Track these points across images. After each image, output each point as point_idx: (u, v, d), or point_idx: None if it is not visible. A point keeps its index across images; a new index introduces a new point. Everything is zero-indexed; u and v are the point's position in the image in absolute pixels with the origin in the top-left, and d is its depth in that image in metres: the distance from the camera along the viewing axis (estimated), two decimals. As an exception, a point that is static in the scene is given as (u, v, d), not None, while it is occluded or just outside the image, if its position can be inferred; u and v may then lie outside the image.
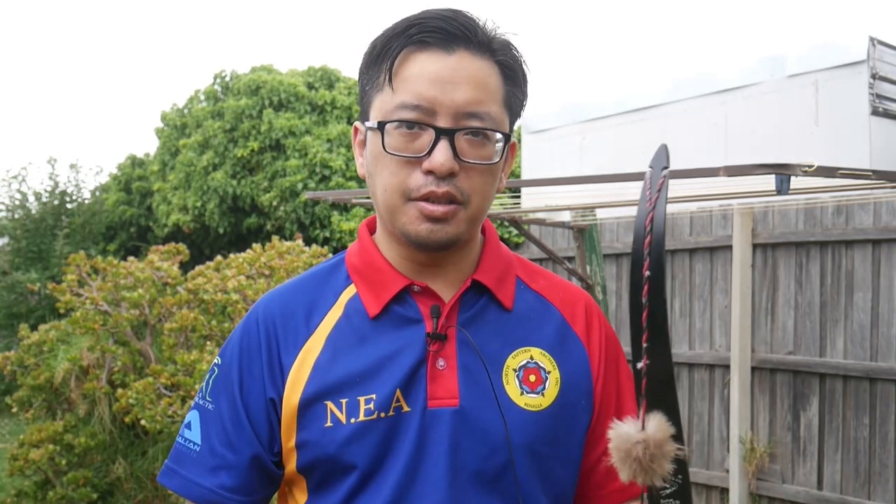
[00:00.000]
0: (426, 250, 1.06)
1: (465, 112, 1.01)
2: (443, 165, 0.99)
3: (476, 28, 1.03)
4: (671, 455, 0.85)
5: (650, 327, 0.86)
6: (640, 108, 6.03)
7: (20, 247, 9.42)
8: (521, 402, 1.07)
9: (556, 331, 1.13)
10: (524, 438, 1.05)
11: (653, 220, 0.85)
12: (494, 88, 1.04)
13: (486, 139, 1.03)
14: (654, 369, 0.86)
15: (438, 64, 1.01)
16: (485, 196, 1.06)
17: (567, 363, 1.11)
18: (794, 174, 2.45)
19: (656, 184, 0.87)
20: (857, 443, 4.34)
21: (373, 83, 1.05)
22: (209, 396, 1.12)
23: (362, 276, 1.11)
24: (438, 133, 1.00)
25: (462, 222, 1.04)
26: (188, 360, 4.34)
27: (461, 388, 1.05)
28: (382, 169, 1.04)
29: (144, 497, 5.05)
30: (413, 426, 1.03)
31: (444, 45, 1.01)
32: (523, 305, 1.14)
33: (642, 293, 0.85)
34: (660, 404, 0.86)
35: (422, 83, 1.00)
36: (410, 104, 1.00)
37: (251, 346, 1.10)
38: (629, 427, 0.86)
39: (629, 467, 0.85)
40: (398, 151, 1.01)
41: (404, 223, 1.04)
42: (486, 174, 1.04)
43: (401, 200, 1.03)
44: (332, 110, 8.47)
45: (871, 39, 4.66)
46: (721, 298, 4.98)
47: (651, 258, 0.85)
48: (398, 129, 1.01)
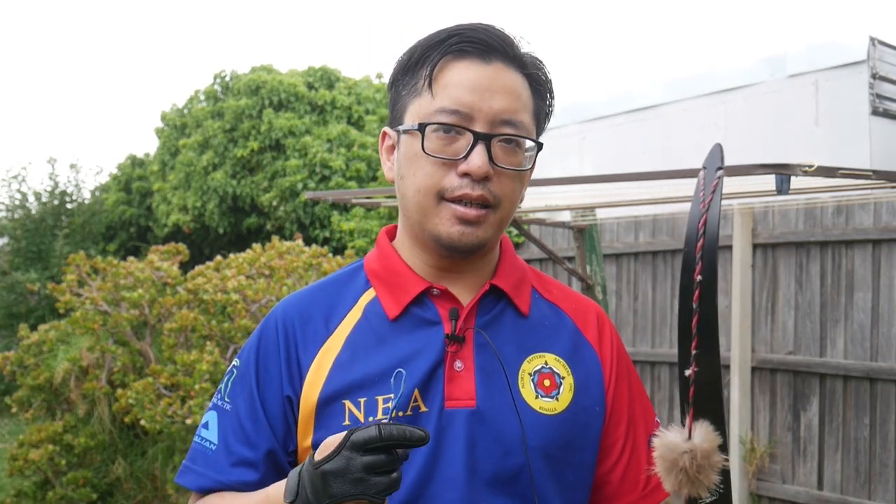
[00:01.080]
0: (455, 253, 1.09)
1: (500, 119, 1.05)
2: (480, 168, 1.03)
3: (512, 42, 1.08)
4: (718, 466, 0.82)
5: (700, 334, 0.83)
6: (640, 108, 6.03)
7: (20, 247, 9.42)
8: (536, 405, 1.09)
9: (569, 338, 1.16)
10: (539, 441, 1.07)
11: (706, 222, 0.82)
12: (526, 99, 1.09)
13: (518, 147, 1.07)
14: (702, 377, 0.84)
15: (477, 72, 1.05)
16: (513, 201, 1.10)
17: (580, 370, 1.14)
18: (794, 174, 2.45)
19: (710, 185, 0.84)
20: (858, 443, 4.34)
21: (409, 89, 1.09)
22: (227, 397, 1.14)
23: (382, 280, 1.14)
24: (476, 137, 1.04)
25: (491, 226, 1.08)
26: (188, 360, 4.34)
27: (478, 390, 1.07)
28: (417, 170, 1.07)
29: (144, 497, 5.05)
30: (430, 426, 1.05)
31: (482, 56, 1.06)
32: (538, 313, 1.16)
33: (693, 298, 0.82)
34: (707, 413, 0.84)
35: (461, 89, 1.04)
36: (450, 109, 1.04)
37: (269, 346, 1.12)
38: (675, 436, 0.83)
39: (675, 477, 0.83)
40: (436, 153, 1.04)
41: (436, 224, 1.07)
42: (515, 180, 1.09)
43: (434, 201, 1.06)
44: (332, 110, 8.47)
45: (872, 39, 4.66)
46: (721, 298, 4.98)
47: (704, 262, 0.82)
48: (436, 133, 1.05)
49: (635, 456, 1.15)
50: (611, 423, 1.15)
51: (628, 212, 5.07)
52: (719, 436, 0.83)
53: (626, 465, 1.15)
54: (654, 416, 1.22)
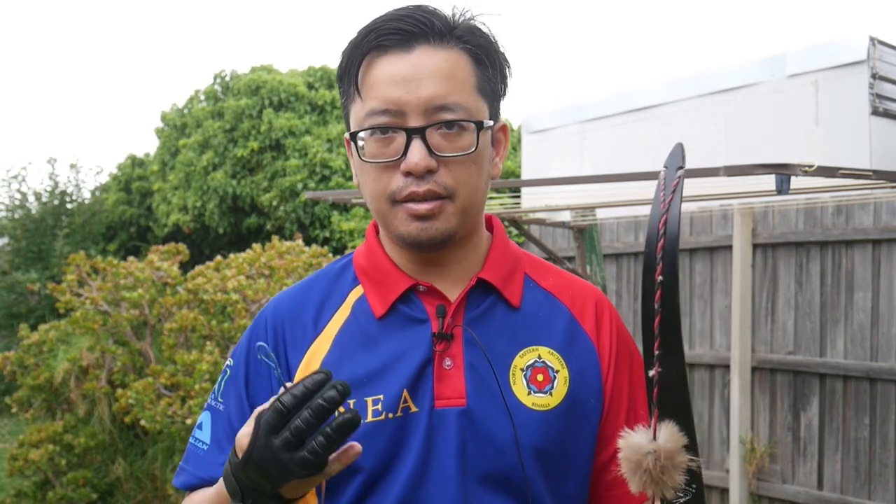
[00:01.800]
0: (422, 249, 1.06)
1: (433, 107, 1.00)
2: (417, 165, 0.99)
3: (433, 20, 1.02)
4: (683, 466, 0.82)
5: (662, 334, 0.83)
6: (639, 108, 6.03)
7: (20, 247, 9.42)
8: (528, 401, 1.06)
9: (564, 329, 1.12)
10: (532, 439, 1.05)
11: (666, 222, 0.82)
12: (463, 77, 1.03)
13: (462, 129, 1.02)
14: (666, 377, 0.84)
15: (399, 64, 1.01)
16: (472, 187, 1.05)
17: (576, 362, 1.10)
18: (794, 174, 2.45)
19: (671, 184, 0.84)
20: (858, 443, 4.34)
21: (347, 95, 1.07)
22: (220, 397, 1.13)
23: (369, 276, 1.12)
24: (409, 133, 1.00)
25: (452, 216, 1.04)
26: (188, 360, 4.34)
27: (468, 388, 1.05)
28: (365, 177, 1.05)
29: (144, 497, 5.05)
30: (421, 426, 1.03)
31: (402, 45, 1.01)
32: (531, 303, 1.13)
33: (654, 299, 0.82)
34: (672, 413, 0.83)
35: (385, 86, 1.01)
36: (378, 109, 1.01)
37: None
38: (640, 437, 0.83)
39: (639, 478, 0.83)
40: (375, 158, 1.02)
41: (396, 226, 1.04)
42: (467, 165, 1.03)
43: (388, 205, 1.04)
44: (332, 110, 8.47)
45: (872, 39, 4.66)
46: (721, 298, 4.98)
47: (664, 262, 0.81)
48: (373, 136, 1.02)
49: None
50: (610, 412, 1.12)
51: (628, 212, 5.07)
52: (684, 436, 0.82)
53: (615, 471, 1.13)
54: None
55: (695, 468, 0.84)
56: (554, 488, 1.07)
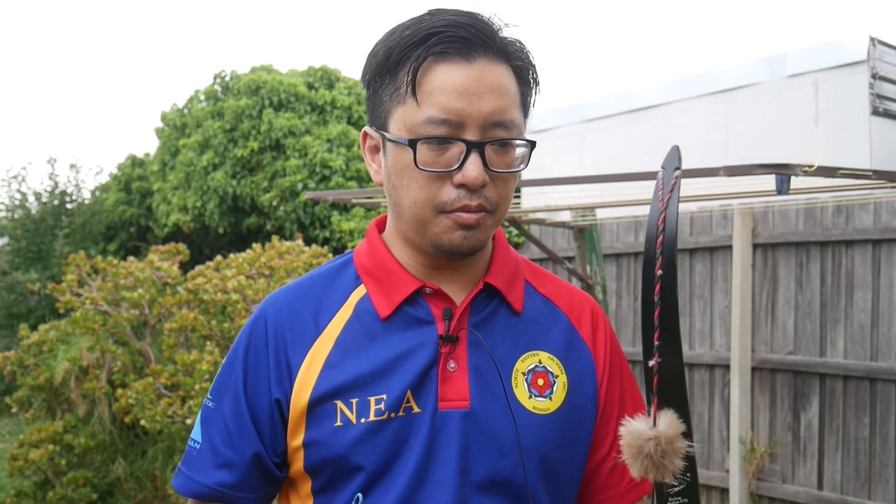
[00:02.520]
0: (456, 258, 1.07)
1: (491, 122, 1.01)
2: (476, 179, 1.00)
3: (494, 34, 1.03)
4: (682, 452, 0.86)
5: (662, 326, 0.86)
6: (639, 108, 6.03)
7: (20, 247, 9.42)
8: (529, 405, 1.07)
9: (563, 335, 1.14)
10: (532, 442, 1.06)
11: (665, 219, 0.86)
12: (514, 94, 1.04)
13: (510, 146, 1.03)
14: (665, 367, 0.87)
15: (462, 75, 1.00)
16: (508, 201, 1.07)
17: (574, 367, 1.12)
18: (794, 174, 2.45)
19: (668, 184, 0.88)
20: (858, 443, 4.34)
21: (391, 94, 1.03)
22: (211, 395, 1.13)
23: (373, 276, 1.11)
24: (469, 146, 1.00)
25: (489, 228, 1.05)
26: (188, 360, 4.34)
27: (472, 391, 1.06)
28: (410, 182, 1.03)
29: (144, 497, 5.05)
30: (423, 427, 1.04)
31: (464, 55, 1.00)
32: (532, 309, 1.14)
33: (654, 291, 0.86)
34: (670, 402, 0.87)
35: (447, 96, 0.99)
36: (438, 118, 0.99)
37: (258, 345, 1.11)
38: (640, 424, 0.87)
39: (641, 464, 0.86)
40: (428, 166, 1.01)
41: (437, 233, 1.04)
42: (510, 180, 1.05)
43: (432, 214, 1.03)
44: (332, 110, 8.47)
45: (872, 39, 4.66)
46: (721, 298, 4.98)
47: (663, 257, 0.85)
48: (427, 145, 1.00)
49: None
50: (602, 418, 1.14)
51: (628, 212, 5.07)
52: (683, 423, 0.86)
53: (615, 458, 1.14)
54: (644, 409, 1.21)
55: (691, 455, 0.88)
56: (551, 492, 1.09)
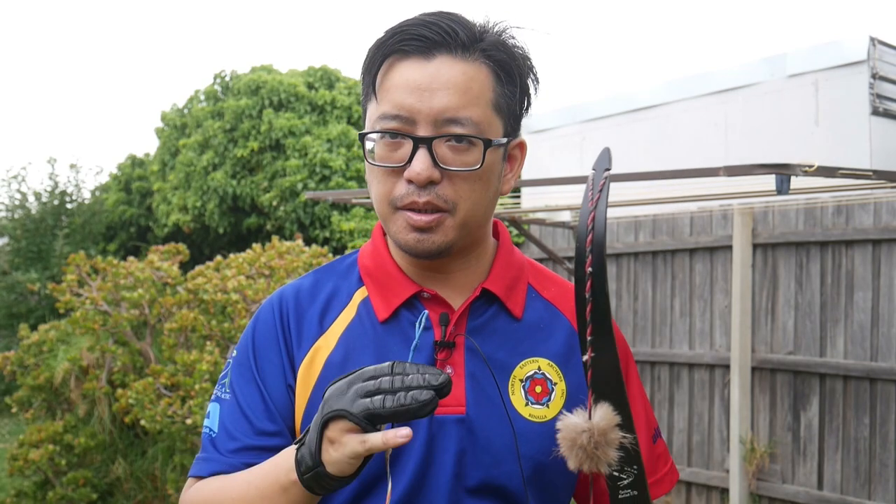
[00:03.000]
0: (419, 258, 1.06)
1: (443, 119, 1.00)
2: (419, 175, 0.99)
3: (458, 30, 1.01)
4: (616, 443, 0.89)
5: (594, 321, 0.89)
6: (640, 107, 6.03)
7: (20, 247, 9.42)
8: (525, 412, 1.07)
9: (564, 341, 1.13)
10: (526, 449, 1.06)
11: (594, 219, 0.89)
12: (479, 91, 1.02)
13: (471, 144, 1.01)
14: (598, 361, 0.90)
15: (417, 72, 1.01)
16: (474, 202, 1.04)
17: (574, 375, 1.12)
18: (794, 174, 2.45)
19: (598, 185, 0.91)
20: (858, 443, 4.34)
21: (365, 93, 1.07)
22: (227, 388, 1.12)
23: (374, 279, 1.11)
24: (416, 142, 1.00)
25: (450, 230, 1.03)
26: (188, 360, 4.34)
27: (468, 397, 1.06)
28: (372, 178, 1.05)
29: (144, 497, 5.05)
30: (421, 433, 1.03)
31: (423, 52, 1.01)
32: (533, 314, 1.13)
33: (585, 288, 0.89)
34: (607, 395, 0.90)
35: (400, 92, 1.01)
36: (390, 114, 1.01)
37: (267, 333, 1.11)
38: (576, 417, 0.90)
39: (575, 455, 0.89)
40: (382, 161, 1.02)
41: (395, 232, 1.05)
42: (472, 180, 1.02)
43: (390, 210, 1.04)
44: (332, 110, 8.47)
45: (872, 39, 4.66)
46: (721, 298, 4.98)
47: (593, 255, 0.88)
48: (382, 140, 1.02)
49: None
50: None
51: (628, 212, 5.07)
52: (618, 415, 0.89)
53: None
54: (653, 414, 1.20)
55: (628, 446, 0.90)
56: (542, 498, 1.09)
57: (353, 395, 0.88)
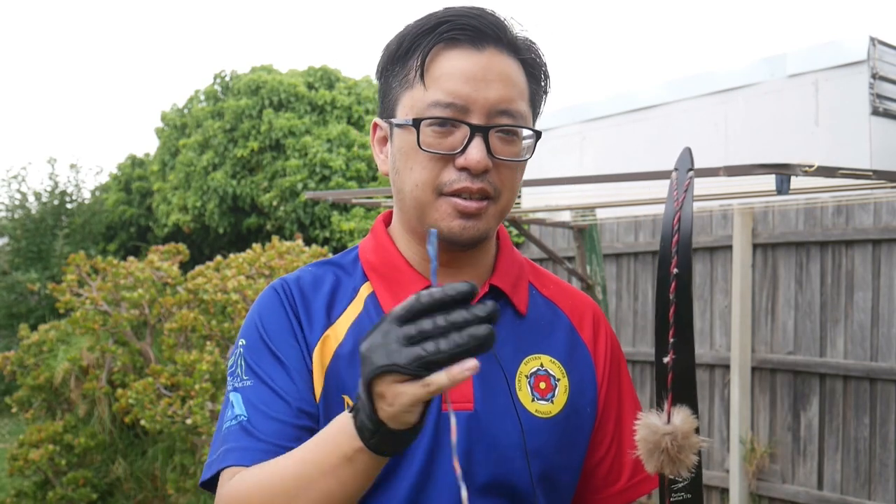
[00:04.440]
0: (455, 246, 1.06)
1: (497, 109, 1.02)
2: (479, 163, 1.00)
3: (504, 27, 1.05)
4: (696, 447, 0.87)
5: (677, 323, 0.87)
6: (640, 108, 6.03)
7: (20, 247, 9.42)
8: (532, 408, 1.08)
9: (565, 338, 1.14)
10: (534, 445, 1.06)
11: (680, 219, 0.88)
12: (522, 86, 1.05)
13: (516, 136, 1.04)
14: (679, 364, 0.88)
15: (470, 61, 1.01)
16: (513, 191, 1.07)
17: (575, 371, 1.13)
18: (794, 174, 2.45)
19: (683, 184, 0.90)
20: (858, 443, 4.34)
21: (400, 80, 1.05)
22: (245, 376, 1.06)
23: (379, 273, 1.11)
24: (473, 130, 1.01)
25: (492, 218, 1.05)
26: (188, 360, 4.34)
27: (476, 393, 1.06)
28: (414, 164, 1.03)
29: (144, 497, 5.05)
30: (428, 429, 1.03)
31: (474, 43, 1.02)
32: (535, 312, 1.14)
33: (670, 290, 0.87)
34: (684, 398, 0.88)
35: (454, 80, 1.01)
36: (444, 102, 1.01)
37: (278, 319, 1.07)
38: (656, 419, 0.88)
39: (656, 458, 0.87)
40: (432, 148, 1.01)
41: (436, 219, 1.03)
42: (515, 170, 1.06)
43: (433, 196, 1.03)
44: (332, 110, 8.46)
45: (872, 39, 4.66)
46: (721, 298, 4.98)
47: (679, 256, 0.87)
48: (431, 127, 1.01)
49: (622, 450, 1.15)
50: (601, 420, 1.15)
51: (628, 212, 5.06)
52: (696, 419, 0.87)
53: (613, 459, 1.15)
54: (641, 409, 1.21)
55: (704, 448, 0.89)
56: (549, 494, 1.09)
57: (397, 344, 0.78)
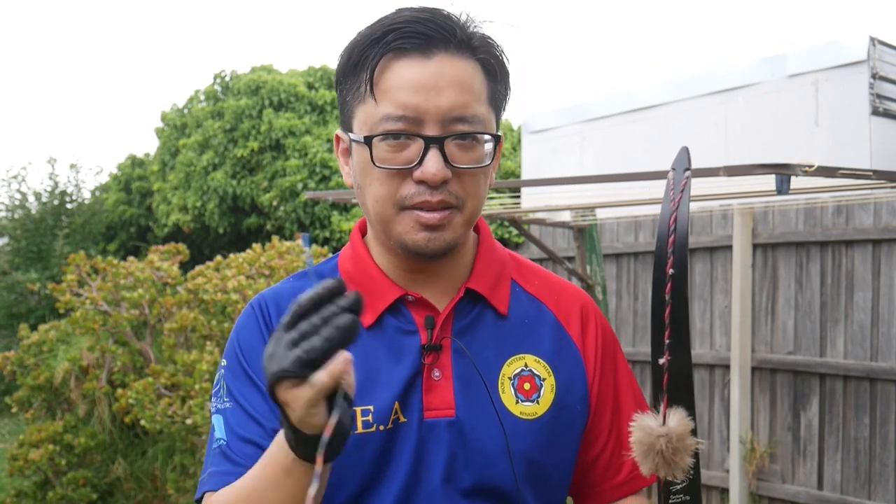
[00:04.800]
0: (423, 259, 1.05)
1: (451, 117, 0.99)
2: (435, 175, 0.98)
3: (455, 28, 1.01)
4: (692, 449, 0.87)
5: (673, 324, 0.87)
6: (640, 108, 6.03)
7: (20, 247, 9.42)
8: (516, 410, 1.06)
9: (550, 336, 1.12)
10: (519, 447, 1.05)
11: (676, 219, 0.87)
12: (479, 88, 1.02)
13: (476, 141, 1.01)
14: (674, 365, 0.88)
15: (419, 70, 0.98)
16: (478, 198, 1.04)
17: (562, 369, 1.11)
18: (795, 174, 2.45)
19: (679, 185, 0.89)
20: (858, 443, 4.34)
21: (353, 93, 1.03)
22: (225, 397, 1.08)
23: (356, 283, 1.09)
24: (427, 142, 0.98)
25: (458, 226, 1.03)
26: (188, 360, 4.34)
27: (457, 399, 1.05)
28: (372, 181, 1.02)
29: (144, 497, 5.05)
30: (411, 438, 1.03)
31: (422, 50, 0.99)
32: (518, 310, 1.12)
33: (665, 290, 0.86)
34: (679, 399, 0.88)
35: (404, 92, 0.98)
36: (395, 115, 0.98)
37: (253, 335, 1.08)
38: (651, 421, 0.87)
39: (651, 461, 0.86)
40: (387, 163, 0.99)
41: (400, 233, 1.02)
42: (478, 176, 1.03)
43: (394, 210, 1.01)
44: (332, 110, 8.47)
45: (872, 39, 4.66)
46: (721, 298, 4.98)
47: (675, 257, 0.86)
48: (385, 142, 0.99)
49: (620, 443, 1.13)
50: (595, 415, 1.13)
51: (628, 212, 5.06)
52: (692, 421, 0.87)
53: (612, 452, 1.13)
54: (644, 399, 1.18)
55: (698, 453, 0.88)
56: (538, 494, 1.08)
57: (284, 349, 0.80)
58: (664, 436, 0.85)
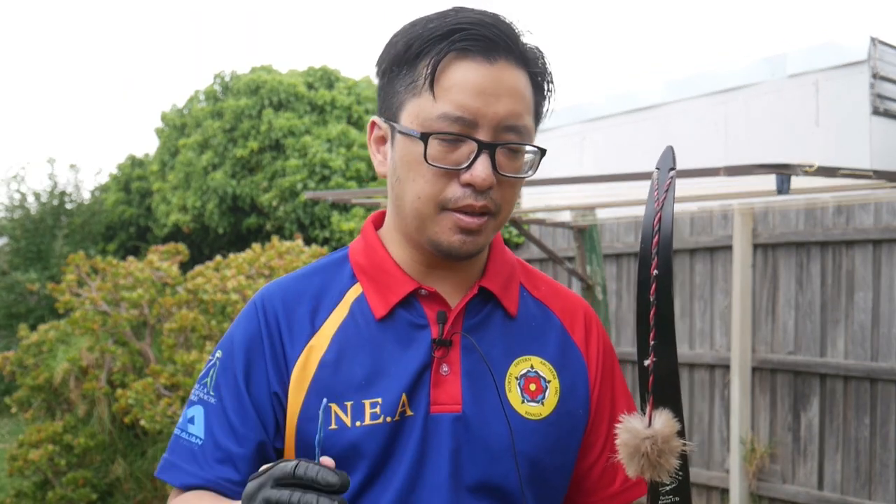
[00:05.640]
0: (454, 260, 1.06)
1: (504, 125, 1.00)
2: (484, 180, 0.99)
3: (516, 38, 1.03)
4: (678, 451, 0.86)
5: (657, 325, 0.87)
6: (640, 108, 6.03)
7: (20, 247, 9.42)
8: (521, 410, 1.07)
9: (556, 340, 1.14)
10: (524, 446, 1.06)
11: (661, 220, 0.87)
12: (529, 100, 1.04)
13: (520, 151, 1.03)
14: (660, 367, 0.87)
15: (482, 74, 0.99)
16: (512, 206, 1.07)
17: (566, 373, 1.12)
18: (795, 174, 2.45)
19: (664, 185, 0.89)
20: (858, 443, 4.34)
21: (407, 85, 1.03)
22: (212, 391, 1.09)
23: (369, 276, 1.10)
24: (480, 146, 0.99)
25: (491, 232, 1.05)
26: (188, 360, 4.34)
27: (464, 395, 1.05)
28: (417, 176, 1.02)
29: (144, 497, 5.04)
30: (416, 431, 1.03)
31: (486, 54, 1.00)
32: (526, 313, 1.14)
33: (650, 291, 0.86)
34: (665, 401, 0.88)
35: (465, 94, 0.99)
36: (453, 115, 0.99)
37: (253, 336, 1.08)
38: (637, 423, 0.87)
39: (637, 463, 0.86)
40: (437, 162, 1.00)
41: (436, 232, 1.03)
42: (516, 186, 1.06)
43: (434, 210, 1.02)
44: (332, 110, 8.46)
45: (872, 39, 4.66)
46: (721, 298, 4.97)
47: (659, 257, 0.86)
48: (438, 140, 1.00)
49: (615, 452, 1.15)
50: (594, 422, 1.14)
51: (628, 212, 5.06)
52: (678, 422, 0.87)
53: (607, 461, 1.14)
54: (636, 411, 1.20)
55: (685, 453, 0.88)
56: (540, 496, 1.09)
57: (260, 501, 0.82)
58: (650, 438, 0.85)
